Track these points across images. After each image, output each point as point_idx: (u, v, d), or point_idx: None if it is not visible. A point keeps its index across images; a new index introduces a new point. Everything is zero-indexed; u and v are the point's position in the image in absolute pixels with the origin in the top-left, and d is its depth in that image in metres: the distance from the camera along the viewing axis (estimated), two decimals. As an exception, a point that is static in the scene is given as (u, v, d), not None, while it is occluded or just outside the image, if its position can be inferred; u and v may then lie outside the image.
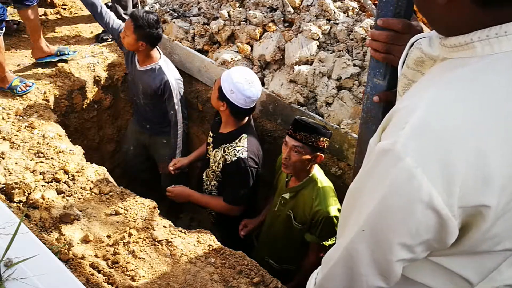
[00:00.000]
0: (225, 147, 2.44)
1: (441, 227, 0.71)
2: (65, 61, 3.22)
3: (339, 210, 2.15)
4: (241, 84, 2.29)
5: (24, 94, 2.85)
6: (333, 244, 2.19)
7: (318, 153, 2.11)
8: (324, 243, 2.21)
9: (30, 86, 2.88)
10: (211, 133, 2.62)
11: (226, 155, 2.42)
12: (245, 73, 2.37)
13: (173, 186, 2.59)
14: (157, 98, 2.93)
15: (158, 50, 2.93)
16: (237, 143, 2.41)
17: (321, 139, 2.07)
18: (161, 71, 2.87)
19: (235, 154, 2.38)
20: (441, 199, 0.68)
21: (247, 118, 2.47)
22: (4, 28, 2.68)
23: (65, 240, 1.93)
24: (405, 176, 0.69)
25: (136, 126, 3.28)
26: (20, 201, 2.08)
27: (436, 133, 0.68)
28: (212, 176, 2.57)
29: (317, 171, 2.23)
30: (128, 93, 3.43)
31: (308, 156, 2.10)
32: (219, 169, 2.49)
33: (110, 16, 2.97)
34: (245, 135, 2.42)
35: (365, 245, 0.80)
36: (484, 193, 0.68)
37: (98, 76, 3.28)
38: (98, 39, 3.56)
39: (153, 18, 2.72)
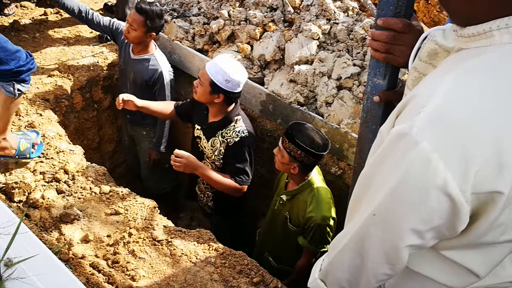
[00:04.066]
0: (222, 132, 2.47)
1: (454, 213, 0.72)
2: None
3: (333, 218, 2.15)
4: (233, 71, 2.34)
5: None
6: (325, 251, 2.19)
7: (294, 164, 2.10)
8: (315, 249, 2.21)
9: (39, 145, 2.32)
10: (198, 126, 2.61)
11: (226, 139, 2.45)
12: (229, 60, 2.43)
13: (181, 151, 2.41)
14: (145, 88, 2.98)
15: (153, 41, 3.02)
16: (234, 125, 2.46)
17: (298, 152, 2.05)
18: (155, 62, 2.93)
19: (237, 135, 2.44)
20: (456, 184, 0.68)
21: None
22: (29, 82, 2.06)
23: (65, 240, 1.93)
24: (421, 161, 0.69)
25: (122, 117, 3.38)
26: (20, 201, 2.08)
27: (454, 119, 0.68)
28: (211, 166, 2.57)
29: (315, 176, 2.22)
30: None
31: (286, 162, 2.11)
32: (221, 155, 2.49)
33: (98, 15, 3.06)
34: (239, 116, 2.49)
35: (375, 230, 0.80)
36: (499, 179, 0.68)
37: (98, 76, 3.28)
38: (102, 39, 3.56)
39: (159, 9, 2.85)
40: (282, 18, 3.08)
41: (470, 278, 0.84)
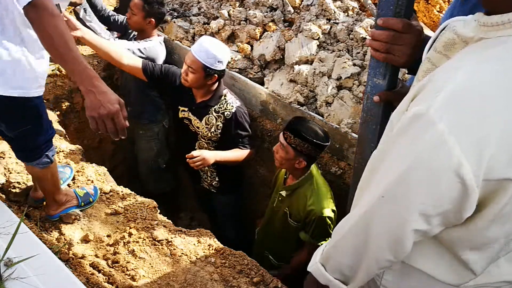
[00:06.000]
0: (215, 108, 2.53)
1: (463, 197, 0.71)
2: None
3: (333, 211, 2.16)
4: (221, 51, 2.43)
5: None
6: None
7: (301, 158, 2.11)
8: (317, 243, 2.21)
9: (93, 189, 2.18)
10: (185, 108, 2.62)
11: (222, 112, 2.52)
12: (213, 40, 2.50)
13: (193, 152, 2.41)
14: (139, 80, 2.93)
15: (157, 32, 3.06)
16: (225, 98, 2.55)
17: (306, 145, 2.06)
18: (153, 49, 2.93)
19: (232, 106, 2.54)
20: (470, 168, 0.68)
21: None
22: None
23: (65, 239, 1.93)
24: (437, 142, 0.69)
25: None
26: (20, 201, 2.08)
27: (473, 103, 0.68)
28: (207, 145, 2.60)
29: (314, 170, 2.23)
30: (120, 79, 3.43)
31: (291, 157, 2.11)
32: (219, 130, 2.55)
33: (113, 13, 3.22)
34: (226, 90, 2.60)
35: (382, 212, 0.80)
36: (511, 167, 0.68)
37: (98, 76, 3.27)
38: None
39: None
40: (282, 18, 3.08)
41: (467, 274, 0.84)
